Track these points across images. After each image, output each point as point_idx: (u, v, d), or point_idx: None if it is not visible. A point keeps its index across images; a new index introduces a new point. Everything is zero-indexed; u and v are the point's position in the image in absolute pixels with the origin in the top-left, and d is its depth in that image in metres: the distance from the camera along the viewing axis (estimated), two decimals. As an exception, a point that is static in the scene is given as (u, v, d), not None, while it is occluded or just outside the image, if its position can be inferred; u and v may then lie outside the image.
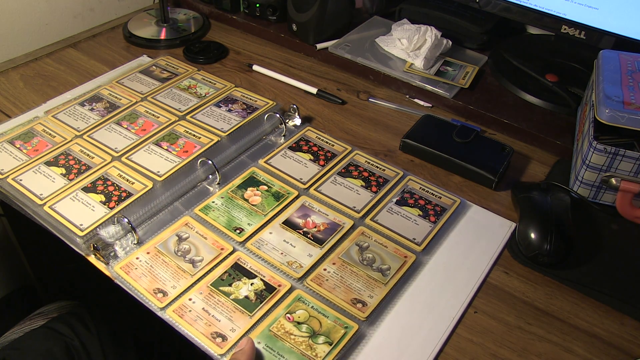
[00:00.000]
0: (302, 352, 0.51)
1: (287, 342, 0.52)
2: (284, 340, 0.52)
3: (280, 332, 0.53)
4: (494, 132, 0.82)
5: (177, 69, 0.91)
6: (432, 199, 0.69)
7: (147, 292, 0.56)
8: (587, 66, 0.85)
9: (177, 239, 0.62)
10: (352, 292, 0.57)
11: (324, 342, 0.52)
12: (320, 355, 0.51)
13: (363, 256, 0.61)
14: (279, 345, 0.52)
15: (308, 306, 0.55)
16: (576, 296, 0.59)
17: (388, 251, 0.62)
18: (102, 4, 1.07)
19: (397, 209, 0.67)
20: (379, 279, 0.59)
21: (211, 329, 0.53)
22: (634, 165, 0.63)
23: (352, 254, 0.61)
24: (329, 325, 0.54)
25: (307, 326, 0.53)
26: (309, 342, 0.52)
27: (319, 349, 0.51)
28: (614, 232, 0.66)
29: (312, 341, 0.52)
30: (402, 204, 0.68)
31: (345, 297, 0.57)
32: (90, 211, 0.64)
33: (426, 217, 0.66)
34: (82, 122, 0.78)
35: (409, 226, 0.65)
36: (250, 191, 0.68)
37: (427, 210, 0.67)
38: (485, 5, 0.89)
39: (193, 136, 0.76)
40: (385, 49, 0.94)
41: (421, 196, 0.69)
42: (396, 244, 0.63)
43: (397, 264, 0.60)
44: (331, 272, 0.59)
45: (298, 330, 0.53)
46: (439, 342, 0.54)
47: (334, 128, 0.81)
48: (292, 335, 0.53)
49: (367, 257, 0.61)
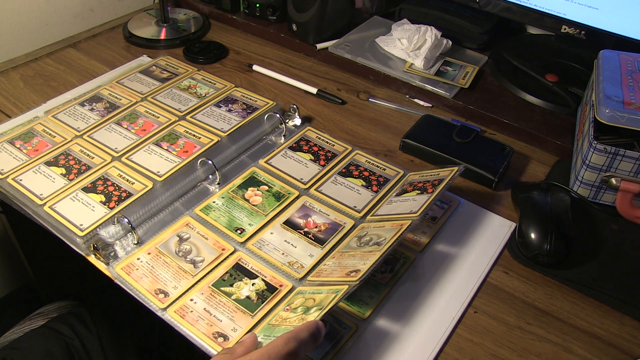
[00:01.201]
0: (294, 326, 0.49)
1: (283, 326, 0.51)
2: (279, 325, 0.51)
3: (278, 321, 0.52)
4: (494, 132, 0.82)
5: (177, 69, 0.91)
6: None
7: (148, 292, 0.56)
8: (587, 66, 0.85)
9: (178, 239, 0.62)
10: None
11: (315, 310, 0.50)
12: (311, 319, 0.48)
13: (364, 256, 0.61)
14: (275, 330, 0.51)
15: (305, 294, 0.55)
16: (576, 296, 0.60)
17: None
18: (102, 4, 1.07)
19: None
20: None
21: (213, 329, 0.53)
22: (634, 165, 0.64)
23: (353, 254, 0.61)
24: (321, 297, 0.52)
25: (302, 307, 0.52)
26: (302, 316, 0.50)
27: (310, 317, 0.49)
28: (614, 232, 0.66)
29: (305, 315, 0.50)
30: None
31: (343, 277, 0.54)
32: (90, 211, 0.64)
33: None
34: (82, 122, 0.78)
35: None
36: (250, 191, 0.68)
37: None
38: (485, 5, 0.89)
39: (193, 136, 0.76)
40: (385, 49, 0.94)
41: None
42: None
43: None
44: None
45: (293, 313, 0.52)
46: (439, 342, 0.54)
47: (334, 128, 0.81)
48: (288, 319, 0.51)
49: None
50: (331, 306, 0.48)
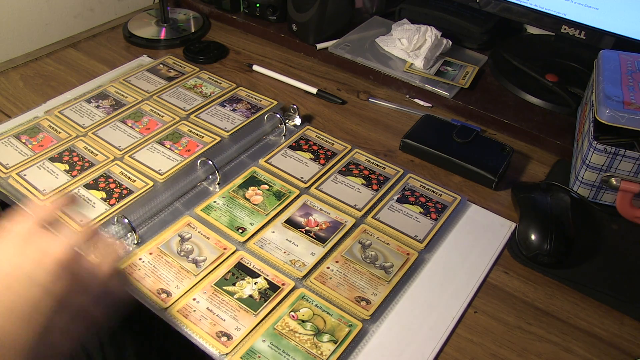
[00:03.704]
0: (307, 351, 0.51)
1: (292, 340, 0.52)
2: (288, 338, 0.53)
3: (285, 331, 0.53)
4: (494, 132, 0.82)
5: (184, 67, 0.91)
6: (432, 196, 0.69)
7: (150, 292, 0.56)
8: (587, 66, 0.85)
9: (179, 239, 0.62)
10: (355, 290, 0.57)
11: (328, 341, 0.52)
12: (326, 353, 0.51)
13: (366, 254, 0.61)
14: (284, 343, 0.52)
15: (312, 304, 0.56)
16: (576, 296, 0.60)
17: (390, 249, 0.62)
18: (102, 4, 1.07)
19: (398, 206, 0.67)
20: (382, 276, 0.59)
21: (216, 329, 0.53)
22: (634, 165, 0.64)
23: (355, 252, 0.61)
24: (333, 323, 0.54)
25: (312, 324, 0.54)
26: (314, 340, 0.52)
27: (324, 347, 0.52)
28: (614, 232, 0.66)
29: (317, 339, 0.52)
30: (403, 201, 0.68)
31: (349, 295, 0.57)
32: (90, 207, 0.64)
33: (427, 215, 0.66)
34: (87, 119, 0.78)
35: (411, 223, 0.65)
36: (251, 191, 0.68)
37: (428, 207, 0.67)
38: (485, 5, 0.89)
39: (196, 135, 0.76)
40: (385, 49, 0.94)
41: (422, 194, 0.69)
42: (398, 241, 0.63)
43: (399, 261, 0.61)
44: (334, 270, 0.59)
45: (302, 328, 0.53)
46: (439, 341, 0.54)
47: (334, 128, 0.81)
48: (297, 333, 0.53)
49: (370, 254, 0.61)
50: (347, 345, 0.52)
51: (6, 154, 0.72)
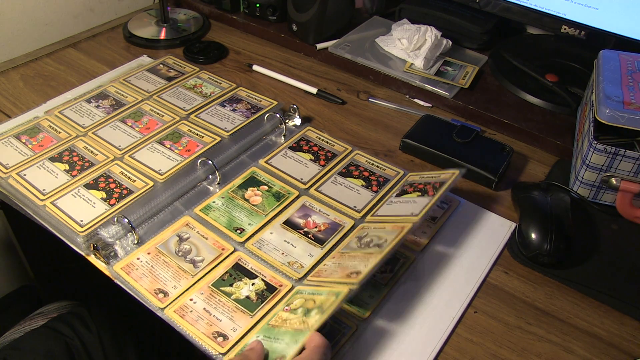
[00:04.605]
0: (295, 329, 0.49)
1: (283, 327, 0.51)
2: (279, 327, 0.51)
3: (278, 322, 0.52)
4: (494, 132, 0.82)
5: (184, 67, 0.91)
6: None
7: (147, 292, 0.56)
8: (587, 66, 0.85)
9: (177, 239, 0.62)
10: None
11: (316, 313, 0.50)
12: (312, 323, 0.48)
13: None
14: (275, 331, 0.51)
15: (304, 294, 0.54)
16: (576, 296, 0.60)
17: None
18: (102, 4, 1.07)
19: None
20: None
21: (212, 329, 0.53)
22: (634, 165, 0.64)
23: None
24: (322, 299, 0.51)
25: (302, 308, 0.52)
26: (302, 318, 0.50)
27: (311, 320, 0.49)
28: (614, 232, 0.66)
29: (305, 317, 0.50)
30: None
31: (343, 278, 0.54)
32: (90, 207, 0.64)
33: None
34: (87, 118, 0.78)
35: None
36: (250, 191, 0.68)
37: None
38: (485, 5, 0.89)
39: (196, 135, 0.76)
40: (385, 49, 0.94)
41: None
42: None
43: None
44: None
45: (294, 314, 0.52)
46: (439, 342, 0.54)
47: (334, 128, 0.81)
48: (288, 320, 0.51)
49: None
50: (332, 310, 0.48)
51: (6, 154, 0.72)
